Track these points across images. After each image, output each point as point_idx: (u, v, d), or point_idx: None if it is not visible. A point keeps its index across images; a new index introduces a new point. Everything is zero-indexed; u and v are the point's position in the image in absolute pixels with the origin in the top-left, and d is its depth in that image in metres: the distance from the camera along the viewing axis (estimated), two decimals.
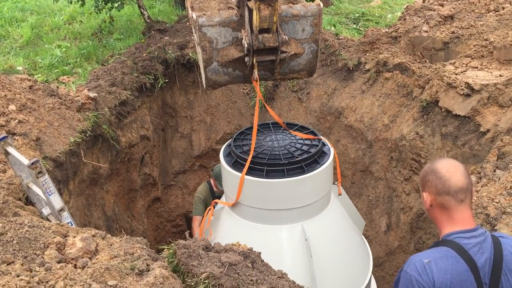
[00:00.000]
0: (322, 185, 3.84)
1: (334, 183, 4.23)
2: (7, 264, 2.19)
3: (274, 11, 3.00)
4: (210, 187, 5.53)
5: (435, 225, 2.20)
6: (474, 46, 5.20)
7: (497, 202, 3.08)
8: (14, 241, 2.32)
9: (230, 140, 4.11)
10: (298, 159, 3.70)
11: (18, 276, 2.09)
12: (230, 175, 3.83)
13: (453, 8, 5.97)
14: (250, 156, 3.65)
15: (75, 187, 4.41)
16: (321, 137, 4.10)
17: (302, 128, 4.22)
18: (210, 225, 4.19)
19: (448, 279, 2.00)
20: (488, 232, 2.10)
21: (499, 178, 3.29)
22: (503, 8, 5.58)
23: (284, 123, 4.25)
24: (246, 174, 3.69)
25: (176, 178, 7.08)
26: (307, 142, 3.99)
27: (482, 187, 3.30)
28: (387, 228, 5.80)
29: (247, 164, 3.63)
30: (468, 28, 5.47)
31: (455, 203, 2.05)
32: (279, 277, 2.45)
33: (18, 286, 1.98)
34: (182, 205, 7.13)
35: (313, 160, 3.77)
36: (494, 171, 3.41)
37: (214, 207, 4.31)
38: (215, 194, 5.64)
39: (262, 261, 2.52)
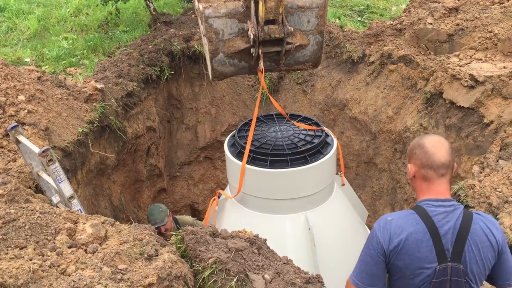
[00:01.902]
0: (325, 175, 3.89)
1: (337, 174, 4.28)
2: (20, 249, 2.26)
3: (280, 3, 3.04)
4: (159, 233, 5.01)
5: (416, 194, 2.36)
6: (478, 38, 5.22)
7: (500, 192, 3.12)
8: (26, 227, 2.38)
9: (235, 131, 4.17)
10: (301, 149, 3.75)
11: (30, 260, 2.15)
12: (234, 166, 3.88)
13: (458, 0, 5.98)
14: (248, 144, 3.70)
15: (83, 177, 4.47)
16: (324, 128, 4.15)
17: (305, 119, 4.26)
18: (215, 215, 4.25)
19: (404, 236, 2.16)
20: (461, 206, 2.21)
21: (502, 168, 3.33)
22: (508, 0, 5.58)
23: (287, 114, 4.29)
24: (250, 164, 3.74)
25: (182, 169, 7.14)
26: (310, 133, 4.03)
27: (485, 177, 3.34)
28: None
29: (246, 153, 3.69)
30: (472, 20, 5.48)
31: (435, 176, 2.20)
32: (284, 263, 2.51)
33: (31, 269, 2.04)
34: (187, 196, 7.20)
35: (317, 151, 3.82)
36: (497, 161, 3.45)
37: (218, 197, 4.37)
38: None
39: (268, 247, 2.58)
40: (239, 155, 3.87)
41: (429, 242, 2.13)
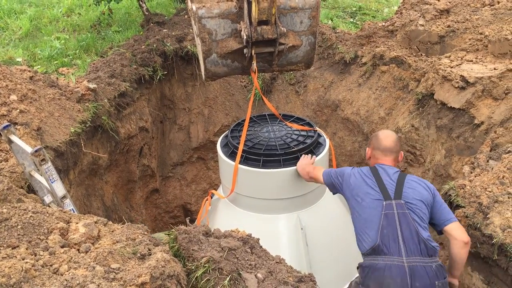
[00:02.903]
0: None
1: None
2: (12, 248, 2.25)
3: (273, 3, 3.05)
4: None
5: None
6: (469, 39, 5.27)
7: (490, 191, 3.15)
8: (19, 226, 2.38)
9: (227, 131, 4.18)
10: (294, 149, 3.77)
11: (23, 259, 2.15)
12: (227, 166, 3.89)
13: (449, 2, 6.03)
14: (241, 144, 3.72)
15: (75, 177, 4.46)
16: (317, 128, 4.17)
17: (298, 120, 4.29)
18: (208, 215, 4.25)
19: (358, 175, 3.11)
20: (399, 170, 3.10)
21: (492, 168, 3.37)
22: (498, 2, 5.64)
23: (280, 114, 4.31)
24: (243, 164, 3.76)
25: (174, 169, 7.13)
26: (303, 133, 4.05)
27: (475, 177, 3.37)
28: None
29: (239, 153, 3.71)
30: (463, 22, 5.53)
31: (382, 156, 3.15)
32: (277, 262, 2.52)
33: (23, 268, 2.04)
34: (180, 197, 7.19)
35: (309, 151, 3.84)
36: (487, 161, 3.49)
37: (211, 197, 4.37)
38: None
39: (261, 247, 2.60)
40: (232, 155, 3.89)
41: (375, 184, 2.97)
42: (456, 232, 2.79)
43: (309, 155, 3.76)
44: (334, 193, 3.43)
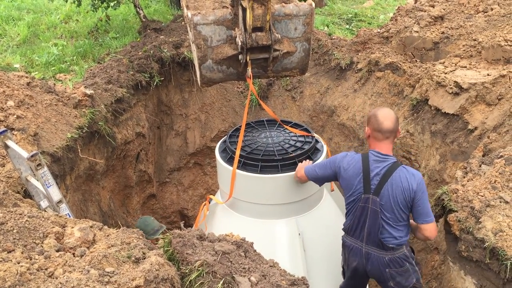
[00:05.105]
0: None
1: None
2: (8, 252, 2.27)
3: (267, 10, 3.09)
4: None
5: (369, 146, 3.38)
6: (463, 46, 5.31)
7: (482, 196, 3.18)
8: (14, 231, 2.39)
9: (226, 136, 4.19)
10: (292, 155, 3.78)
11: (18, 263, 2.16)
12: (225, 171, 3.91)
13: (443, 9, 6.09)
14: (238, 149, 3.74)
15: (71, 182, 4.48)
16: (315, 134, 4.19)
17: (296, 126, 4.31)
18: (206, 220, 4.27)
19: (349, 166, 3.27)
20: (393, 160, 3.18)
21: (484, 173, 3.40)
22: (492, 9, 5.70)
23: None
24: (241, 169, 3.78)
25: (171, 175, 7.15)
26: (300, 139, 4.08)
27: (467, 181, 3.40)
28: None
29: (236, 158, 3.72)
30: (457, 29, 5.58)
31: (382, 137, 3.18)
32: (270, 266, 2.54)
33: (18, 271, 2.06)
34: (177, 202, 7.20)
35: (307, 157, 3.86)
36: (480, 166, 3.52)
37: (209, 203, 4.38)
38: None
39: (255, 250, 2.61)
40: (230, 160, 3.90)
41: (361, 176, 3.19)
42: (426, 232, 3.13)
43: (307, 160, 3.78)
44: (321, 184, 3.72)
